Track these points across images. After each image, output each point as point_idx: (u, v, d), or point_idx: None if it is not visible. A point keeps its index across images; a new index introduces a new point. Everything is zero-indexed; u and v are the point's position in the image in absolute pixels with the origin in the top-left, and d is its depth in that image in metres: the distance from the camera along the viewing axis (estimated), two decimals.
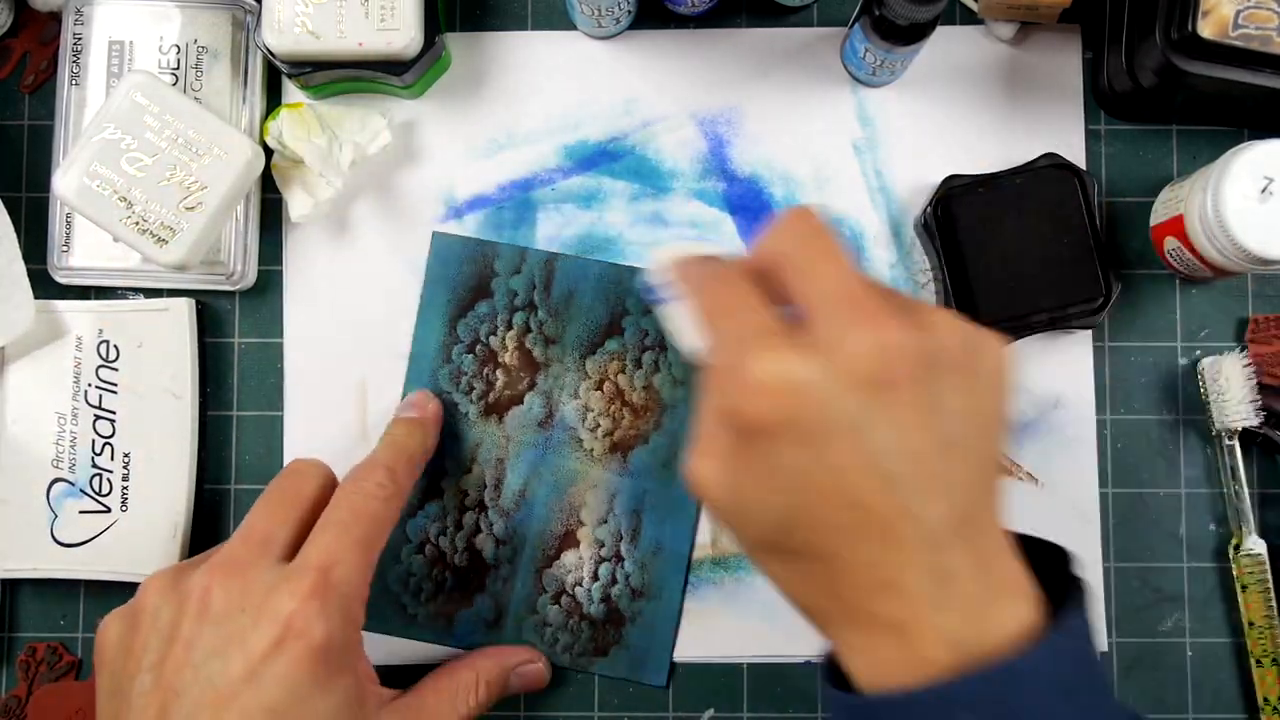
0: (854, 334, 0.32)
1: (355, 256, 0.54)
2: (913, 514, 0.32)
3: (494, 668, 0.49)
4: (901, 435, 0.32)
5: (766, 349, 0.33)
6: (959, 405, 0.33)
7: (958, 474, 0.33)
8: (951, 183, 0.51)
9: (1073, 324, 0.51)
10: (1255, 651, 0.52)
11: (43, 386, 0.52)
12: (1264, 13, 0.45)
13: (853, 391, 0.32)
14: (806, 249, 0.35)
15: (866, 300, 0.33)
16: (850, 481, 0.32)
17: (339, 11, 0.48)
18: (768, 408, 0.32)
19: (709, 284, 0.37)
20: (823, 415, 0.32)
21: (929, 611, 0.32)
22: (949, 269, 0.51)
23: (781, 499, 0.33)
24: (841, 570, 0.33)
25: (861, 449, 0.32)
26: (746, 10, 0.55)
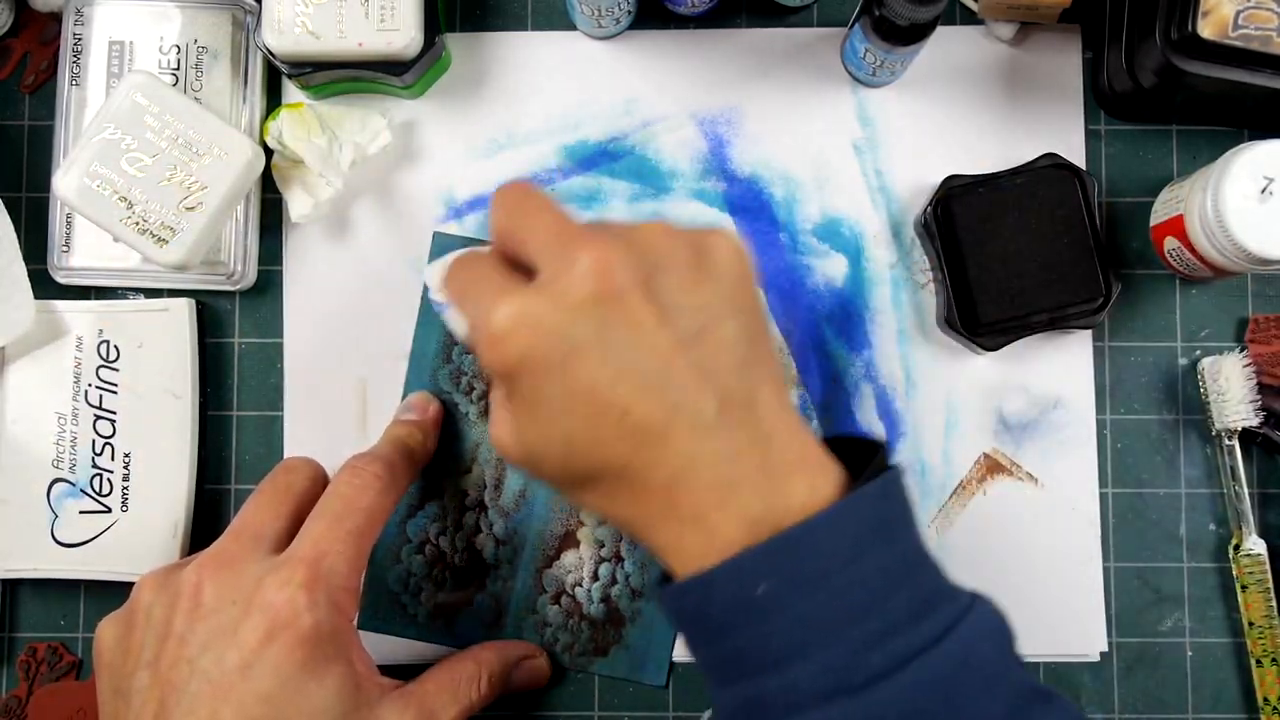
0: (569, 262, 0.35)
1: (355, 256, 0.54)
2: (678, 406, 0.35)
3: (497, 661, 0.49)
4: (639, 338, 0.35)
5: (498, 301, 0.35)
6: (692, 300, 0.36)
7: (713, 362, 0.35)
8: (951, 183, 0.51)
9: (1073, 324, 0.51)
10: (1255, 651, 0.52)
11: (43, 386, 0.52)
12: (1264, 13, 0.45)
13: (582, 311, 0.34)
14: (519, 212, 0.38)
15: (576, 232, 0.36)
16: (609, 394, 0.34)
17: (339, 12, 0.48)
18: (509, 351, 0.35)
19: (456, 271, 0.40)
20: (561, 340, 0.34)
21: (719, 496, 0.35)
22: (949, 269, 0.51)
23: (556, 430, 0.36)
24: (634, 478, 0.36)
25: (607, 360, 0.34)
26: (746, 10, 0.55)
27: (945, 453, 0.53)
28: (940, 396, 0.53)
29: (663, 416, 0.35)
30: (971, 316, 0.50)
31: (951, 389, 0.53)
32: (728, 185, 0.54)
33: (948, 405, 0.53)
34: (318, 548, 0.42)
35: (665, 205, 0.54)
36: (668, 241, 0.37)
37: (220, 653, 0.40)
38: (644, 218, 0.54)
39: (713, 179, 0.54)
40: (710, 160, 0.54)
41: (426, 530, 0.53)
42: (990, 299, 0.50)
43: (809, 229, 0.54)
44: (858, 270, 0.54)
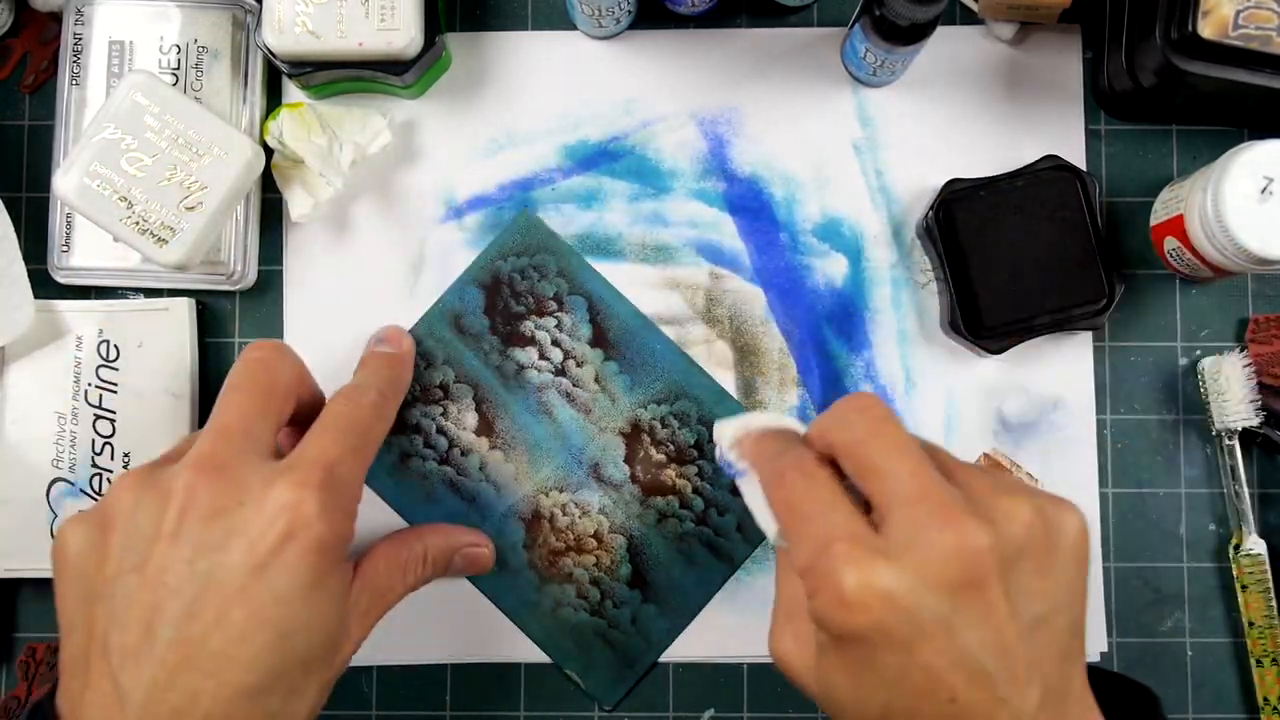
0: (935, 538, 0.33)
1: (355, 256, 0.54)
2: (1005, 701, 0.34)
3: (442, 544, 0.49)
4: (989, 630, 0.34)
5: (850, 560, 0.34)
6: (1041, 586, 0.35)
7: (1044, 653, 0.35)
8: (952, 186, 0.51)
9: (1076, 325, 0.51)
10: (1255, 651, 0.52)
11: (43, 386, 0.52)
12: (1264, 13, 0.45)
13: (939, 595, 0.33)
14: (876, 442, 0.36)
15: (942, 499, 0.34)
16: (943, 678, 0.33)
17: (339, 11, 0.48)
18: (859, 619, 0.33)
19: (788, 475, 0.37)
20: (912, 621, 0.33)
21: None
22: (951, 273, 0.51)
23: (878, 697, 0.35)
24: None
25: (952, 648, 0.33)
26: (746, 10, 0.55)
27: None
28: (940, 397, 0.53)
29: (988, 708, 0.34)
30: (975, 320, 0.50)
31: (951, 389, 0.53)
32: (728, 185, 0.54)
33: (948, 405, 0.53)
34: (328, 455, 0.41)
35: (665, 205, 0.54)
36: (1030, 525, 0.35)
37: (227, 553, 0.38)
38: (644, 218, 0.54)
39: (713, 179, 0.54)
40: (710, 160, 0.54)
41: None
42: (994, 302, 0.50)
43: (809, 229, 0.54)
44: (858, 270, 0.54)
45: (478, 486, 0.53)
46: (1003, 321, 0.50)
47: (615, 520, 0.52)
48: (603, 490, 0.52)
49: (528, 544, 0.52)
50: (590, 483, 0.52)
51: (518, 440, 0.53)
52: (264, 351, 0.44)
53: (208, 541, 0.39)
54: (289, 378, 0.44)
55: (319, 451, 0.42)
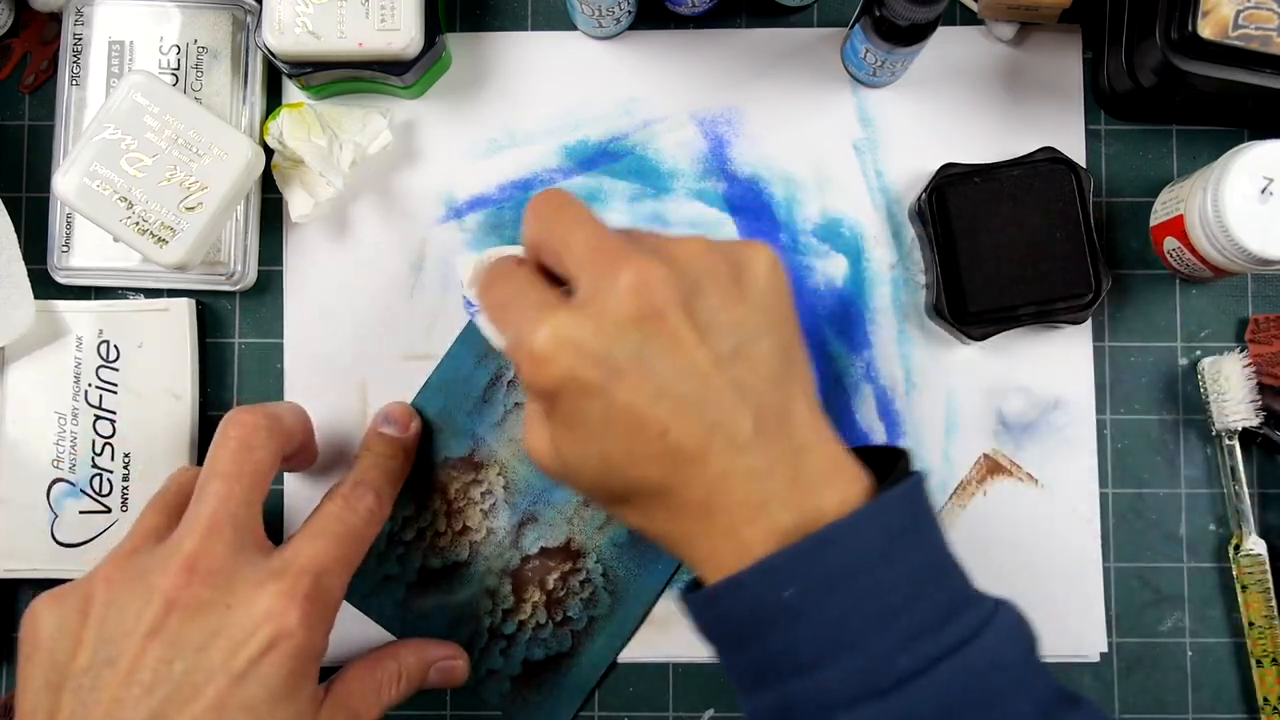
0: (609, 281, 0.35)
1: (355, 256, 0.54)
2: (715, 425, 0.35)
3: (415, 662, 0.48)
4: (679, 357, 0.35)
5: (539, 320, 0.35)
6: (730, 317, 0.36)
7: (749, 379, 0.35)
8: (947, 170, 0.51)
9: (1060, 318, 0.51)
10: (1255, 651, 0.52)
11: (43, 386, 0.52)
12: (1264, 13, 0.45)
13: (623, 332, 0.35)
14: (555, 224, 0.38)
15: (616, 248, 0.36)
16: (648, 414, 0.35)
17: (339, 12, 0.48)
18: (550, 371, 0.35)
19: (491, 281, 0.40)
20: (603, 363, 0.35)
21: (752, 511, 0.35)
22: (940, 257, 0.51)
23: (594, 448, 0.36)
24: (669, 495, 0.36)
25: (647, 382, 0.35)
26: (746, 10, 0.55)
27: (945, 453, 0.53)
28: (940, 397, 0.53)
29: (700, 436, 0.35)
30: (960, 305, 0.50)
31: (951, 389, 0.53)
32: (728, 185, 0.54)
33: (948, 406, 0.53)
34: (319, 563, 0.42)
35: (665, 205, 0.54)
36: (707, 258, 0.37)
37: (206, 656, 0.39)
38: (644, 218, 0.54)
39: (713, 179, 0.54)
40: (710, 160, 0.54)
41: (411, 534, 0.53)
42: (979, 289, 0.50)
43: (809, 229, 0.54)
44: (858, 270, 0.54)
45: None
46: (987, 309, 0.50)
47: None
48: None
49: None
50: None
51: None
52: (247, 431, 0.43)
53: (190, 642, 0.39)
54: (273, 457, 0.44)
55: (310, 559, 0.42)
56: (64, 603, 0.40)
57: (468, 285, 0.46)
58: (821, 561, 0.34)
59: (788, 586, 0.34)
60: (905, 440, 0.53)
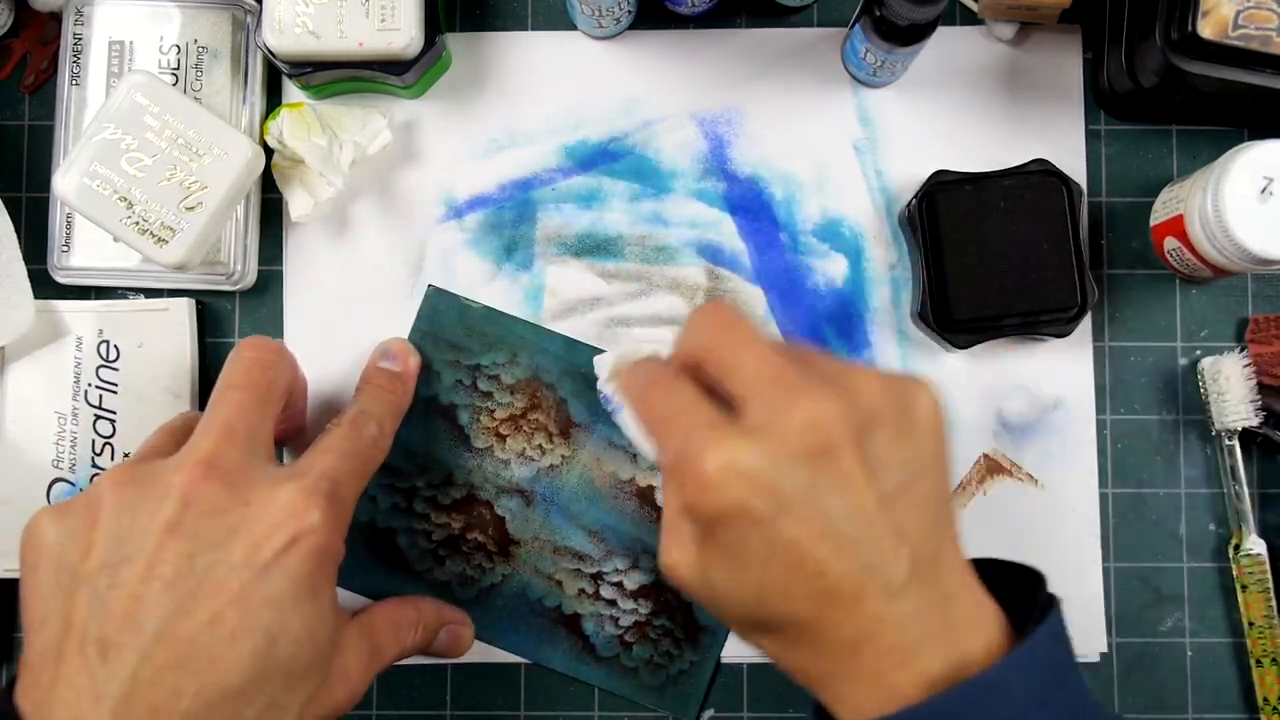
0: (785, 412, 0.35)
1: (355, 256, 0.54)
2: (873, 570, 0.34)
3: (433, 614, 0.49)
4: (848, 497, 0.34)
5: (709, 443, 0.34)
6: (898, 457, 0.36)
7: (909, 522, 0.35)
8: (939, 177, 0.51)
9: (1045, 331, 0.50)
10: (1255, 651, 0.52)
11: (43, 386, 0.52)
12: (1264, 13, 0.45)
13: (795, 466, 0.34)
14: (724, 342, 0.37)
15: (791, 377, 0.35)
16: (810, 551, 0.34)
17: (339, 12, 0.48)
18: (719, 499, 0.34)
19: (649, 390, 0.39)
20: (771, 495, 0.34)
21: (902, 657, 0.34)
22: (927, 263, 0.51)
23: (750, 578, 0.35)
24: (818, 634, 0.35)
25: (814, 517, 0.34)
26: (746, 10, 0.55)
27: None
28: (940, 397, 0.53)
29: (857, 577, 0.34)
30: (945, 313, 0.50)
31: (951, 389, 0.53)
32: (728, 185, 0.54)
33: (947, 406, 0.53)
34: (335, 471, 0.42)
35: (665, 205, 0.54)
36: (880, 396, 0.36)
37: (227, 552, 0.38)
38: (644, 218, 0.54)
39: (713, 179, 0.54)
40: (710, 160, 0.54)
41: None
42: (965, 297, 0.50)
43: (809, 229, 0.54)
44: (858, 270, 0.54)
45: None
46: (971, 317, 0.50)
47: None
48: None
49: None
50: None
51: None
52: (261, 352, 0.44)
53: (209, 538, 0.39)
54: (285, 381, 0.45)
55: (326, 466, 0.42)
56: (69, 511, 0.40)
57: (606, 382, 0.46)
58: (978, 712, 0.34)
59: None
60: None
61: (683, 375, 0.39)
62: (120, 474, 0.40)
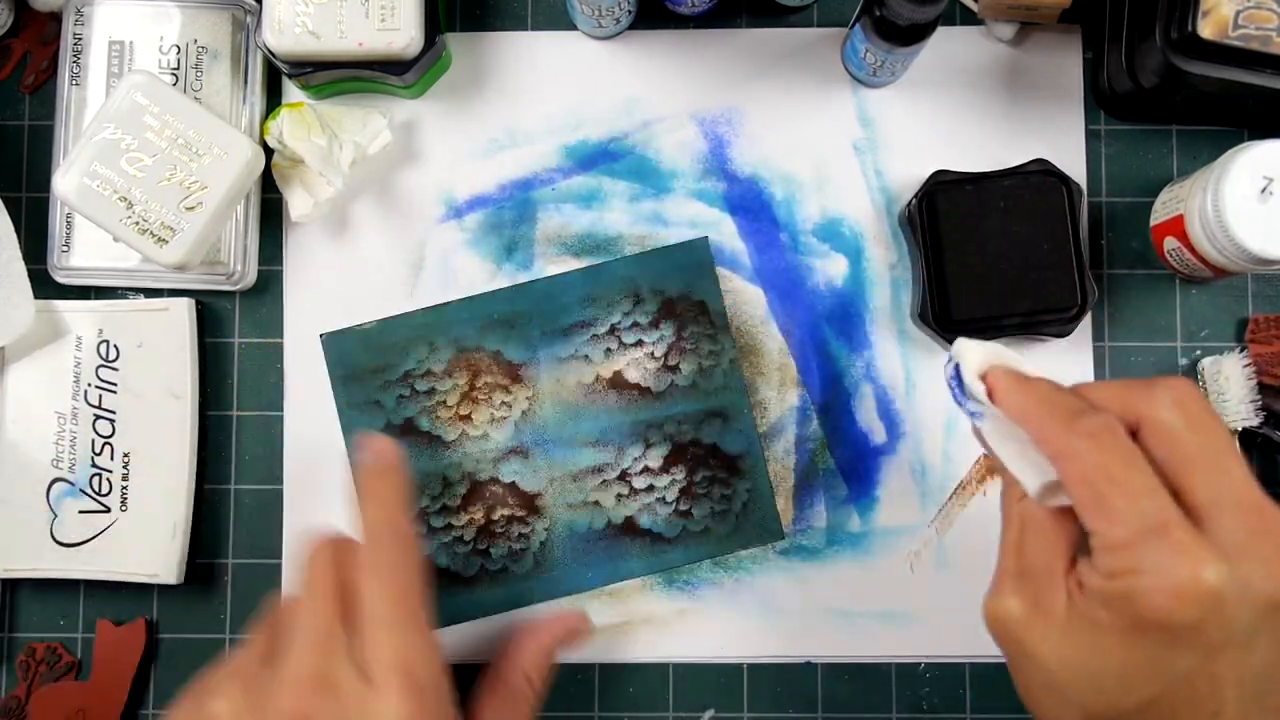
0: (1264, 552, 0.33)
1: (355, 256, 0.54)
2: (1216, 715, 0.33)
3: (537, 657, 0.48)
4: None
5: (1189, 554, 0.32)
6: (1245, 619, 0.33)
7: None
8: (939, 177, 0.51)
9: (1044, 331, 0.50)
10: None
11: (43, 386, 0.52)
12: (1264, 13, 0.45)
13: (1257, 610, 0.33)
14: (1203, 438, 0.35)
15: (1271, 515, 0.33)
16: (1221, 692, 0.33)
17: (339, 12, 0.48)
18: (1187, 613, 0.32)
19: (1106, 441, 0.35)
20: (1226, 628, 0.32)
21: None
22: (927, 263, 0.51)
23: (1148, 690, 0.34)
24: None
25: (1245, 665, 0.33)
26: (746, 10, 0.55)
27: (945, 453, 0.53)
28: (940, 396, 0.53)
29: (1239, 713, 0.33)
30: (945, 313, 0.50)
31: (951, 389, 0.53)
32: (728, 185, 0.54)
33: (948, 405, 0.53)
34: (402, 658, 0.40)
35: (665, 205, 0.54)
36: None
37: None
38: (644, 218, 0.54)
39: (713, 179, 0.54)
40: (710, 160, 0.54)
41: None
42: (965, 297, 0.50)
43: (809, 229, 0.54)
44: (858, 270, 0.54)
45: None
46: (971, 317, 0.50)
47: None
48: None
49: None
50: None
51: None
52: (322, 549, 0.43)
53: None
54: (351, 569, 0.43)
55: (392, 656, 0.40)
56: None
57: (973, 379, 0.40)
58: None
59: None
60: (905, 440, 0.53)
61: (1135, 442, 0.35)
62: (234, 689, 0.40)
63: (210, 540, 0.53)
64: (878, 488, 0.53)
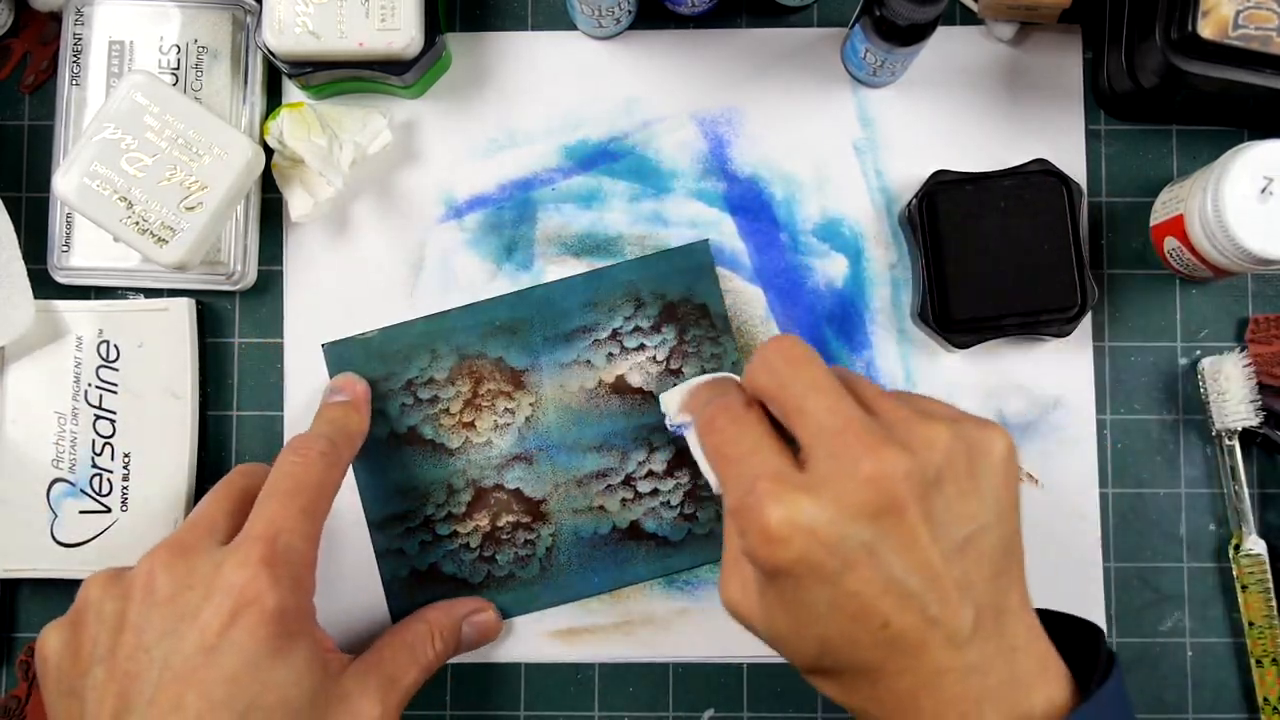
0: (852, 468, 0.34)
1: (355, 256, 0.54)
2: (936, 621, 0.34)
3: (444, 619, 0.49)
4: (913, 555, 0.34)
5: (772, 496, 0.35)
6: (965, 510, 0.35)
7: (975, 574, 0.35)
8: (939, 177, 0.51)
9: (1045, 331, 0.50)
10: (1255, 651, 0.52)
11: (43, 386, 0.52)
12: (1264, 13, 0.45)
13: (860, 523, 0.34)
14: (793, 383, 0.37)
15: (858, 428, 0.35)
16: (873, 605, 0.34)
17: (339, 12, 0.48)
18: (784, 553, 0.34)
19: (718, 420, 0.39)
20: (836, 550, 0.34)
21: (964, 709, 0.35)
22: (927, 263, 0.51)
23: (813, 629, 0.36)
24: (880, 682, 0.35)
25: (878, 574, 0.34)
26: (746, 10, 0.55)
27: None
28: (940, 397, 0.53)
29: (920, 630, 0.34)
30: (945, 313, 0.50)
31: (952, 389, 0.53)
32: (728, 185, 0.54)
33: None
34: (273, 526, 0.42)
35: (665, 205, 0.54)
36: (948, 448, 0.36)
37: (180, 638, 0.39)
38: (644, 218, 0.54)
39: (713, 179, 0.54)
40: (710, 160, 0.54)
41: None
42: (965, 297, 0.50)
43: (809, 229, 0.54)
44: (858, 270, 0.54)
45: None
46: (971, 317, 0.50)
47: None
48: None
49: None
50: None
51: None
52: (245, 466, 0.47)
53: (162, 627, 0.40)
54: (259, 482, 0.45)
55: (264, 523, 0.42)
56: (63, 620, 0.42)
57: (675, 416, 0.46)
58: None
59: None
60: None
61: (753, 409, 0.39)
62: (99, 577, 0.43)
63: None
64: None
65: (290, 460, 0.45)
